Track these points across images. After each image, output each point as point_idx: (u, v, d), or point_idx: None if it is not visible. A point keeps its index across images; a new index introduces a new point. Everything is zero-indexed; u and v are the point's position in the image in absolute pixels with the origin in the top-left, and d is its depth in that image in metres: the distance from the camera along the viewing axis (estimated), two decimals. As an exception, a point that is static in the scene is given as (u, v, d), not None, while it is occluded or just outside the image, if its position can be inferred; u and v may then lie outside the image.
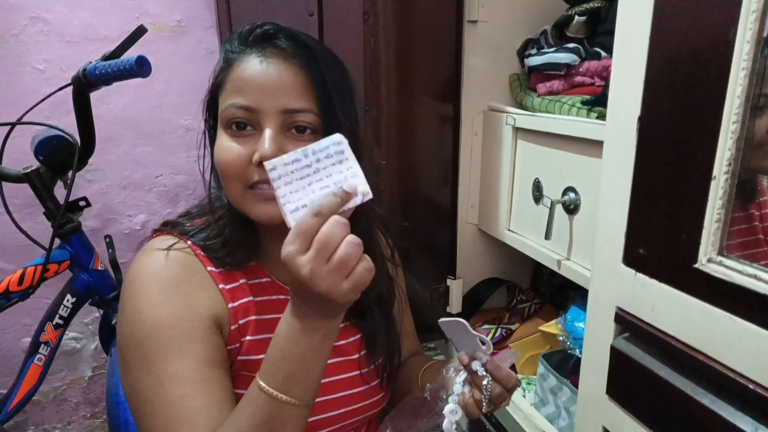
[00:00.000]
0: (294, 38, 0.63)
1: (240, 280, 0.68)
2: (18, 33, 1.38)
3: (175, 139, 1.60)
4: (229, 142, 0.62)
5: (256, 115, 0.61)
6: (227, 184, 0.64)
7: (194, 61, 1.55)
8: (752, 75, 0.46)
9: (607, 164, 0.63)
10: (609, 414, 0.65)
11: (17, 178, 1.10)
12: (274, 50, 0.62)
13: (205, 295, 0.63)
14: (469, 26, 1.20)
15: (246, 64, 0.62)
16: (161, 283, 0.61)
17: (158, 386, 0.58)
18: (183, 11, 1.51)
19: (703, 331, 0.51)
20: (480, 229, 1.35)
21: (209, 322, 0.62)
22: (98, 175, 1.55)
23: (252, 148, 0.61)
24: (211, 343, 0.61)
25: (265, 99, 0.61)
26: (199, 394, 0.58)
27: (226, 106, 0.62)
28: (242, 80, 0.61)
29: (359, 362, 0.76)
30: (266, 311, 0.69)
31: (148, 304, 0.60)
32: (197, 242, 0.67)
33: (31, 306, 1.25)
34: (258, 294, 0.69)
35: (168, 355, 0.59)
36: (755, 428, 0.47)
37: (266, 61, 0.61)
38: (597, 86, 1.04)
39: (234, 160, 0.61)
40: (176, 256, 0.64)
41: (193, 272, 0.64)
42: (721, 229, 0.49)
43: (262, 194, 0.62)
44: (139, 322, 0.60)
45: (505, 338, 1.34)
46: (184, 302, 0.61)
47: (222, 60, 0.65)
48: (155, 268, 0.62)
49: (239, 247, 0.68)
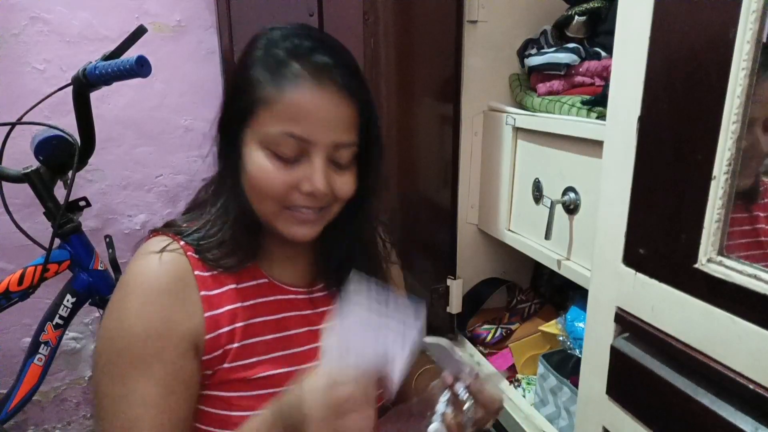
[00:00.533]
0: (348, 67, 0.63)
1: (228, 285, 0.67)
2: (18, 33, 1.38)
3: (175, 139, 1.60)
4: (271, 164, 0.62)
5: (307, 145, 0.61)
6: (262, 202, 0.64)
7: (194, 61, 1.55)
8: (752, 75, 0.46)
9: (607, 164, 0.63)
10: (609, 414, 0.65)
11: (17, 178, 1.10)
12: (331, 81, 0.61)
13: (182, 309, 0.63)
14: (469, 26, 1.20)
15: (303, 90, 0.60)
16: (144, 294, 0.62)
17: (120, 398, 0.61)
18: (183, 11, 1.51)
19: (703, 331, 0.51)
20: (480, 229, 1.35)
21: (179, 341, 0.63)
22: (98, 175, 1.55)
23: (296, 175, 0.62)
24: (175, 365, 0.62)
25: (319, 131, 0.61)
26: (153, 419, 0.61)
27: (277, 131, 0.60)
28: (298, 109, 0.60)
29: None
30: (260, 314, 0.69)
31: (128, 315, 0.62)
32: (191, 242, 0.67)
33: (31, 306, 1.25)
34: (249, 297, 0.68)
35: (135, 371, 0.61)
36: (755, 428, 0.47)
37: (323, 92, 0.60)
38: (597, 86, 1.04)
39: (279, 185, 0.62)
40: (166, 261, 0.64)
41: (178, 279, 0.64)
42: (721, 229, 0.49)
43: (300, 216, 0.64)
44: (117, 330, 0.62)
45: (505, 338, 1.34)
46: (161, 317, 0.62)
47: (267, 72, 0.61)
48: (142, 276, 0.63)
49: (240, 248, 0.67)
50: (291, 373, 0.69)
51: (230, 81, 0.66)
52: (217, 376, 0.66)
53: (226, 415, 0.66)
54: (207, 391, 0.66)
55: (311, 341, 0.72)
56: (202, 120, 1.60)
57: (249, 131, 0.63)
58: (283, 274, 0.73)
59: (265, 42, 0.63)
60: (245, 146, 0.63)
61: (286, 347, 0.70)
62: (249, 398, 0.66)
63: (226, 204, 0.67)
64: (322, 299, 0.76)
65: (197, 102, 1.59)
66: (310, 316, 0.73)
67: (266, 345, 0.68)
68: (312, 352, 0.71)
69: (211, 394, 0.66)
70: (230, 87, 0.66)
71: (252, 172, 0.62)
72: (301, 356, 0.70)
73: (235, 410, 0.65)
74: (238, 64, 0.65)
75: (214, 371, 0.65)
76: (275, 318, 0.70)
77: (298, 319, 0.72)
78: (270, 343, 0.69)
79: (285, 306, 0.72)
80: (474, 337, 1.38)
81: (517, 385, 1.24)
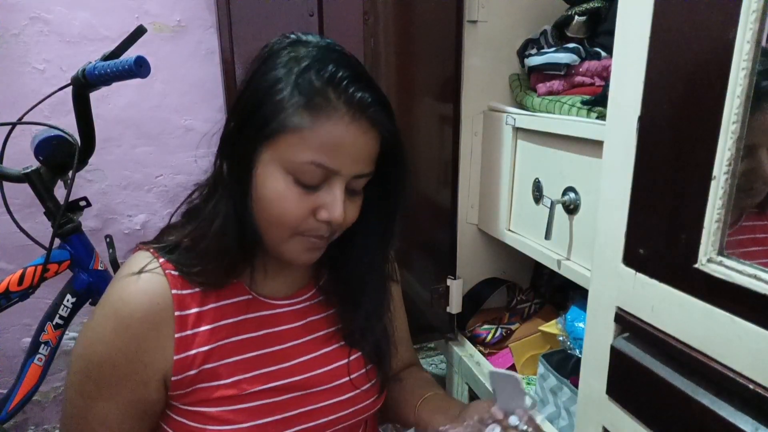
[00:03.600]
0: (382, 103, 0.62)
1: (208, 305, 0.65)
2: (18, 33, 1.38)
3: (175, 139, 1.60)
4: (292, 192, 0.60)
5: (330, 174, 0.61)
6: (274, 227, 0.62)
7: (194, 61, 1.55)
8: (752, 75, 0.46)
9: (607, 164, 0.63)
10: (609, 414, 0.65)
11: (17, 178, 1.10)
12: (366, 118, 0.60)
13: (155, 335, 0.63)
14: (469, 26, 1.20)
15: (339, 124, 0.59)
16: (118, 320, 0.62)
17: (83, 412, 0.64)
18: (183, 11, 1.51)
19: (703, 331, 0.51)
20: (480, 229, 1.35)
21: (147, 369, 0.63)
22: (98, 175, 1.55)
23: (314, 202, 0.61)
24: (137, 395, 0.64)
25: (346, 164, 0.60)
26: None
27: (305, 160, 0.59)
28: (331, 142, 0.59)
29: (348, 368, 0.74)
30: (242, 331, 0.67)
31: (101, 339, 0.63)
32: (171, 260, 0.65)
33: (31, 306, 1.25)
34: (230, 315, 0.67)
35: (101, 392, 0.63)
36: (755, 428, 0.47)
37: (358, 127, 0.60)
38: (597, 86, 1.04)
39: (297, 212, 0.61)
40: (144, 284, 0.63)
41: (154, 304, 0.62)
42: (721, 229, 0.49)
43: (310, 243, 0.64)
44: (89, 350, 0.63)
45: (505, 338, 1.34)
46: (132, 346, 0.62)
47: (301, 97, 0.58)
48: (118, 301, 0.63)
49: (228, 266, 0.65)
50: (278, 387, 0.68)
51: (247, 92, 0.62)
52: (195, 395, 0.65)
53: (207, 428, 0.65)
54: (187, 407, 0.65)
55: (298, 355, 0.71)
56: (202, 120, 1.60)
57: (268, 151, 0.60)
58: (266, 288, 0.71)
59: (291, 59, 0.60)
60: (261, 165, 0.60)
61: (272, 363, 0.68)
62: (235, 412, 0.65)
63: (225, 222, 0.63)
64: (310, 308, 0.74)
65: (197, 102, 1.59)
66: (295, 329, 0.72)
67: (249, 362, 0.67)
68: (298, 366, 0.70)
69: (192, 409, 0.65)
70: (247, 99, 0.61)
71: (269, 196, 0.60)
72: (288, 371, 0.69)
73: (222, 424, 0.64)
74: (255, 76, 0.61)
75: (190, 390, 0.64)
76: (258, 335, 0.69)
77: (282, 334, 0.71)
78: (253, 360, 0.67)
79: (269, 321, 0.70)
80: (474, 337, 1.38)
81: (517, 385, 1.24)
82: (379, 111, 0.61)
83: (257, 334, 0.69)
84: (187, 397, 0.65)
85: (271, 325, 0.70)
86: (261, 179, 0.61)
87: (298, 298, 0.74)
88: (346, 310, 0.75)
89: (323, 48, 0.61)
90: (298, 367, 0.70)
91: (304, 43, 0.62)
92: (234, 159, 0.62)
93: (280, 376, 0.68)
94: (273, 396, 0.67)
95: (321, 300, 0.76)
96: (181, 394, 0.64)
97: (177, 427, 0.66)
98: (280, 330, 0.71)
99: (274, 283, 0.72)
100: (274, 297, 0.72)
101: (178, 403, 0.65)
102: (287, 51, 0.61)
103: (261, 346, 0.68)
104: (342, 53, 0.63)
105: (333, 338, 0.75)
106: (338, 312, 0.76)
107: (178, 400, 0.65)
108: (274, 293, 0.72)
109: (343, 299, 0.75)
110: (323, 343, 0.74)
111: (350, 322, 0.74)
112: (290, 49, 0.61)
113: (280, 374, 0.68)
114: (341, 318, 0.75)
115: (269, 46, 0.64)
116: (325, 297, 0.76)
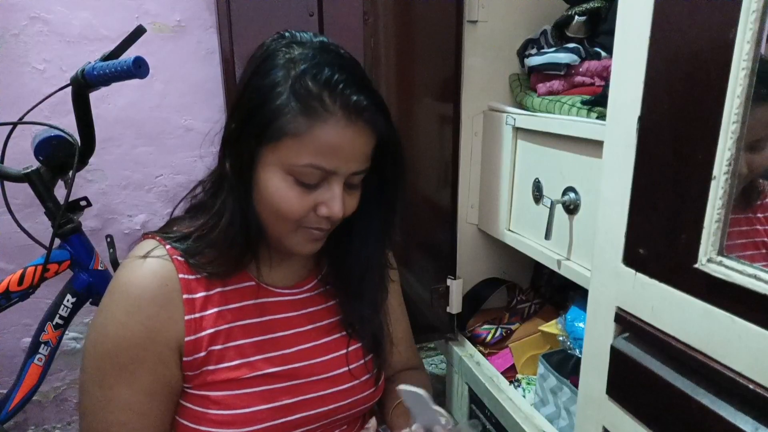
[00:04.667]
0: (377, 105, 0.63)
1: (215, 289, 0.68)
2: (18, 33, 1.38)
3: (175, 139, 1.60)
4: (292, 191, 0.63)
5: (328, 174, 0.63)
6: (278, 222, 0.65)
7: (194, 61, 1.55)
8: (752, 75, 0.46)
9: (607, 164, 0.63)
10: (609, 414, 0.65)
11: (18, 177, 1.10)
12: (362, 120, 0.62)
13: (165, 315, 0.64)
14: (469, 26, 1.20)
15: (335, 128, 0.60)
16: (128, 303, 0.63)
17: (104, 402, 0.64)
18: (183, 11, 1.51)
19: (703, 331, 0.51)
20: (480, 229, 1.35)
21: (162, 348, 0.64)
22: (98, 175, 1.55)
23: (315, 199, 0.64)
24: (157, 374, 0.64)
25: (344, 164, 0.63)
26: (134, 424, 0.64)
27: (304, 163, 0.61)
28: (329, 145, 0.60)
29: (347, 358, 0.76)
30: (246, 316, 0.69)
31: (113, 322, 0.64)
32: (178, 247, 0.67)
33: (31, 306, 1.25)
34: (235, 300, 0.69)
35: (120, 377, 0.63)
36: (755, 428, 0.47)
37: (354, 130, 0.61)
38: (597, 86, 1.04)
39: (299, 209, 0.64)
40: (151, 267, 0.65)
41: (162, 285, 0.64)
42: (721, 229, 0.49)
43: (312, 235, 0.67)
44: (102, 336, 0.64)
45: (505, 338, 1.34)
46: (144, 326, 0.63)
47: (297, 102, 0.59)
48: (127, 284, 0.64)
49: (234, 257, 0.67)
50: (278, 373, 0.69)
51: (246, 95, 0.63)
52: (202, 377, 0.66)
53: (208, 413, 0.66)
54: (193, 390, 0.67)
55: (298, 343, 0.73)
56: (202, 120, 1.60)
57: (269, 152, 0.62)
58: (270, 276, 0.73)
59: (287, 61, 0.61)
60: (262, 166, 0.63)
61: (273, 349, 0.70)
62: (236, 397, 0.66)
63: (232, 217, 0.65)
64: (312, 298, 0.76)
65: (197, 102, 1.58)
66: (297, 318, 0.74)
67: (252, 347, 0.69)
68: (298, 354, 0.72)
69: (197, 393, 0.67)
70: (246, 102, 0.63)
71: (271, 195, 0.63)
72: (288, 357, 0.71)
73: (223, 409, 0.66)
74: (253, 77, 0.63)
75: (198, 372, 0.66)
76: (261, 320, 0.71)
77: (284, 321, 0.73)
78: (255, 345, 0.69)
79: (272, 308, 0.72)
80: (474, 337, 1.38)
81: (517, 385, 1.24)
82: (375, 112, 0.63)
83: (260, 319, 0.70)
84: (195, 379, 0.66)
85: (273, 311, 0.72)
86: (263, 179, 0.63)
87: (300, 288, 0.76)
88: (347, 300, 0.77)
89: (318, 48, 0.62)
90: (298, 355, 0.72)
91: (299, 43, 0.63)
92: (236, 159, 0.64)
93: (281, 362, 0.70)
94: (273, 382, 0.69)
95: (322, 291, 0.78)
96: (190, 376, 0.66)
97: (180, 411, 0.68)
98: (282, 317, 0.73)
99: (278, 273, 0.74)
100: (277, 286, 0.74)
101: (186, 385, 0.67)
102: (283, 52, 0.62)
103: (263, 332, 0.70)
104: (337, 53, 0.64)
105: (333, 329, 0.77)
106: (338, 302, 0.78)
107: (187, 382, 0.67)
108: (277, 282, 0.74)
109: (344, 290, 0.77)
110: (323, 333, 0.75)
111: (350, 312, 0.77)
112: (286, 50, 0.62)
113: (281, 360, 0.70)
114: (342, 308, 0.77)
115: (265, 45, 0.65)
116: (326, 288, 0.78)
